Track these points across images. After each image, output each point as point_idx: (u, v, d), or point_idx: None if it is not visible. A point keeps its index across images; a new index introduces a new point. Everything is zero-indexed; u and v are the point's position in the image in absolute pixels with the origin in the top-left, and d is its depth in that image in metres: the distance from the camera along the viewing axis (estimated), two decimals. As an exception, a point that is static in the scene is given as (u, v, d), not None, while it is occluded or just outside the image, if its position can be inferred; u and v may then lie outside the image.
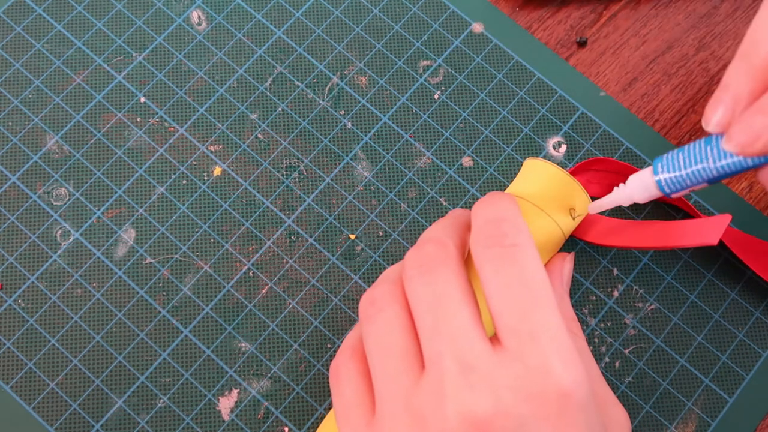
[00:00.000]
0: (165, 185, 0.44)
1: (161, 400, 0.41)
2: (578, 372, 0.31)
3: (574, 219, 0.39)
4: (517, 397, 0.30)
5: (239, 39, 0.47)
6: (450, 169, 0.45)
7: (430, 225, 0.37)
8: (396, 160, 0.45)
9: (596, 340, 0.43)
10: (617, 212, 0.45)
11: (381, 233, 0.44)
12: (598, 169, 0.44)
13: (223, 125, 0.45)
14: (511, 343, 0.31)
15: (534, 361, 0.30)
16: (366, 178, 0.45)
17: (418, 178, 0.45)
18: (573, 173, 0.43)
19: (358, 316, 0.43)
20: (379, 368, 0.33)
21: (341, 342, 0.42)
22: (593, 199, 0.44)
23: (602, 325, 0.43)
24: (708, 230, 0.37)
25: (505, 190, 0.44)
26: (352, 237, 0.44)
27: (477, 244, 0.34)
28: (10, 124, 0.45)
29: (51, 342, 0.42)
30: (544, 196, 0.38)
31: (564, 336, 0.31)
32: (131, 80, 0.46)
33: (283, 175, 0.45)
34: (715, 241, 0.36)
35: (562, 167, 0.45)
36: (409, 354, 0.33)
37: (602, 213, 0.44)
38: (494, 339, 0.32)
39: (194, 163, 0.45)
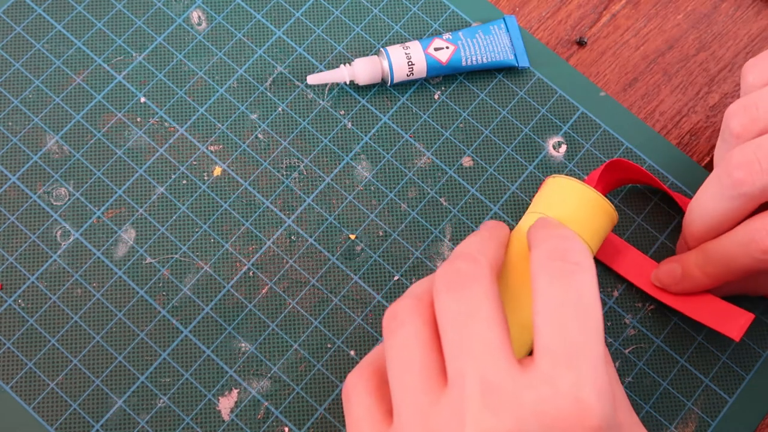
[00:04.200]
0: (165, 185, 0.44)
1: (161, 400, 0.41)
2: (610, 406, 0.30)
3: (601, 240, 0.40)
4: (541, 422, 0.29)
5: (239, 39, 0.47)
6: (450, 169, 0.45)
7: (465, 238, 0.36)
8: (396, 160, 0.45)
9: (596, 340, 0.43)
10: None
11: (381, 233, 0.44)
12: (620, 170, 0.44)
13: (223, 125, 0.45)
14: (544, 364, 0.30)
15: (566, 386, 0.29)
16: (366, 178, 0.45)
17: (418, 178, 0.45)
18: (598, 178, 0.43)
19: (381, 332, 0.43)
20: (398, 383, 0.32)
21: (341, 342, 0.42)
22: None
23: (602, 325, 0.43)
24: (732, 324, 0.40)
25: (528, 207, 0.44)
26: (352, 237, 0.44)
27: (539, 251, 0.33)
28: (10, 124, 0.45)
29: (51, 342, 0.42)
30: (573, 217, 0.38)
31: (603, 368, 0.30)
32: (131, 80, 0.46)
33: (283, 175, 0.45)
34: (737, 338, 0.40)
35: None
36: (429, 370, 0.32)
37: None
38: (523, 361, 0.31)
39: (194, 163, 0.45)
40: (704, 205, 0.38)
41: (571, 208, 0.38)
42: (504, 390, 0.30)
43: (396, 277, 0.43)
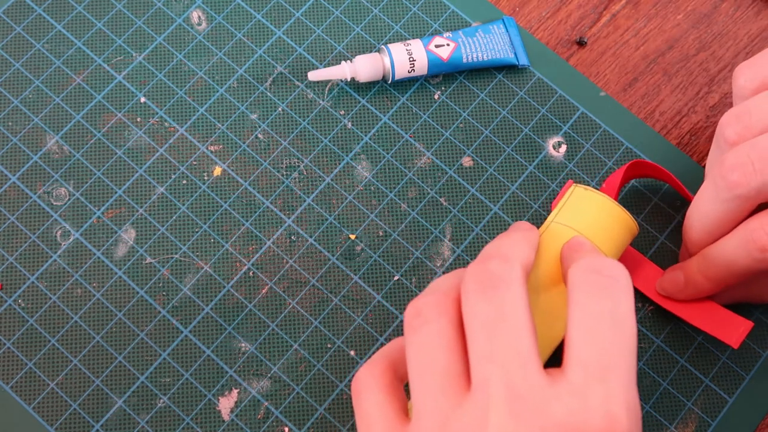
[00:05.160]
0: (165, 185, 0.44)
1: (161, 400, 0.41)
2: (637, 422, 0.30)
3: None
4: None
5: (239, 39, 0.47)
6: (450, 169, 0.45)
7: (496, 237, 0.35)
8: (396, 160, 0.45)
9: (596, 340, 0.43)
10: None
11: (381, 233, 0.44)
12: (639, 168, 0.44)
13: (223, 125, 0.45)
14: (576, 376, 0.30)
15: (597, 400, 0.29)
16: (366, 178, 0.45)
17: (418, 178, 0.45)
18: (621, 180, 0.43)
19: (402, 326, 0.43)
20: (419, 383, 0.32)
21: (341, 342, 0.42)
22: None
23: (602, 325, 0.43)
24: (732, 332, 0.40)
25: (551, 213, 0.43)
26: (352, 237, 0.44)
27: (578, 265, 0.33)
28: (10, 124, 0.45)
29: (51, 342, 0.42)
30: (597, 231, 0.38)
31: (634, 384, 0.30)
32: (131, 80, 0.46)
33: (283, 175, 0.45)
34: (735, 346, 0.40)
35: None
36: (452, 372, 0.31)
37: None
38: (549, 371, 0.31)
39: (194, 163, 0.45)
40: (702, 210, 0.39)
41: (596, 222, 0.38)
42: (531, 400, 0.29)
43: (396, 277, 0.43)
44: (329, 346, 0.42)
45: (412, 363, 0.32)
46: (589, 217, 0.38)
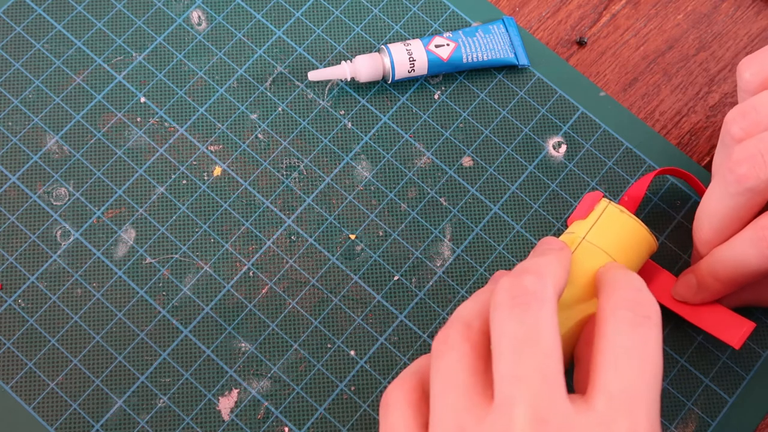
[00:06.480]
0: (165, 185, 0.44)
1: (161, 400, 0.41)
2: None
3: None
4: None
5: (239, 39, 0.47)
6: (450, 169, 0.45)
7: (529, 256, 0.34)
8: (396, 160, 0.45)
9: (596, 340, 0.43)
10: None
11: (381, 233, 0.44)
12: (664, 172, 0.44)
13: (223, 125, 0.45)
14: (601, 405, 0.30)
15: (621, 430, 0.30)
16: (366, 178, 0.45)
17: (418, 178, 0.45)
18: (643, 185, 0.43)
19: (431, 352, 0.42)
20: (440, 400, 0.32)
21: (341, 342, 0.42)
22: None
23: (602, 325, 0.43)
24: (734, 332, 0.40)
25: (567, 223, 0.43)
26: (352, 237, 0.44)
27: (613, 300, 0.33)
28: (10, 124, 0.45)
29: (51, 342, 0.42)
30: (623, 250, 0.39)
31: (657, 417, 0.31)
32: (131, 80, 0.46)
33: (283, 175, 0.45)
34: (737, 346, 0.40)
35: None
36: (473, 392, 0.31)
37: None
38: (572, 398, 0.31)
39: (194, 163, 0.45)
40: (710, 209, 0.38)
41: (626, 246, 0.39)
42: (555, 425, 0.29)
43: (396, 277, 0.43)
44: (329, 346, 0.42)
45: (435, 382, 0.32)
46: (621, 240, 0.39)
